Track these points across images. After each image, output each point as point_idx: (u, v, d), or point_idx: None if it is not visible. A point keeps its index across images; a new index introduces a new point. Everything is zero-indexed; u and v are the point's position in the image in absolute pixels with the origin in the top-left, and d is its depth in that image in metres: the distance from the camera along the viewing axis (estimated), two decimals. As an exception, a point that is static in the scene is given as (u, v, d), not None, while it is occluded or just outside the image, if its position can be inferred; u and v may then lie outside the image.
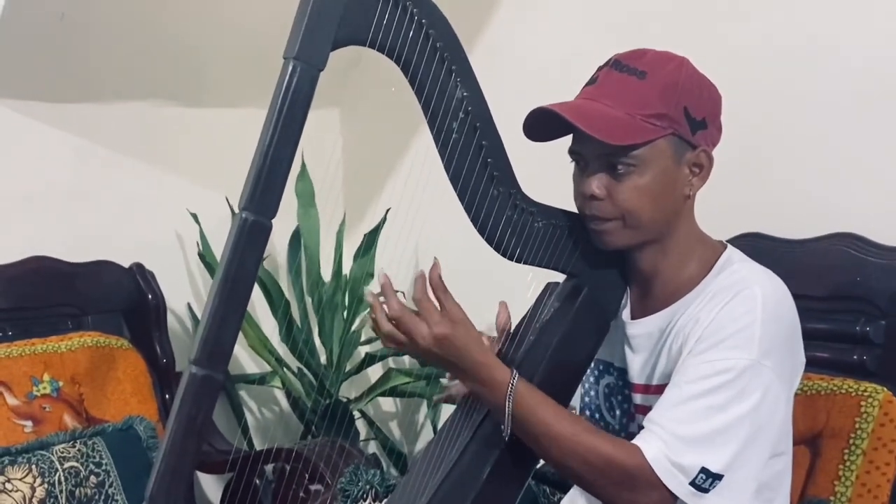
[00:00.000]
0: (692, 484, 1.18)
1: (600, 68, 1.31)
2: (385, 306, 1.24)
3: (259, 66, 2.41)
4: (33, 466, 1.89)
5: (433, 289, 1.24)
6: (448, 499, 1.27)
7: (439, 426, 2.52)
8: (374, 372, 2.59)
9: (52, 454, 1.93)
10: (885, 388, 1.58)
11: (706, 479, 1.18)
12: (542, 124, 1.29)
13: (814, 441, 1.61)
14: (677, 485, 1.18)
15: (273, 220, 1.14)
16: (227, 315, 1.13)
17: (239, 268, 1.13)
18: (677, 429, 1.20)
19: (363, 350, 2.55)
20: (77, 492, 1.93)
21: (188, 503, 2.15)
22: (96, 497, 1.95)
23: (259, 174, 1.13)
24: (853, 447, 1.56)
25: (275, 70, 1.15)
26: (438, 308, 1.24)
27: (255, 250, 1.14)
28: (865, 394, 1.58)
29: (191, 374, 1.12)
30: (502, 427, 1.25)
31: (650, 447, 1.19)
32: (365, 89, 2.62)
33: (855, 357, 1.67)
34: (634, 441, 1.22)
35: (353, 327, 2.49)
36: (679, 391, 1.22)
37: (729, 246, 1.36)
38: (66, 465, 1.93)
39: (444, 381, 2.41)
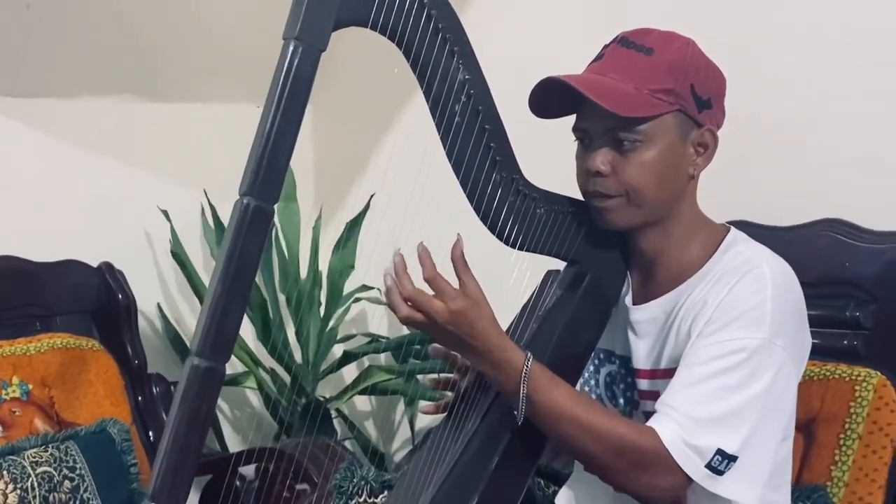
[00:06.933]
0: (708, 466, 1.17)
1: (606, 46, 1.31)
2: (399, 287, 1.20)
3: (230, 62, 2.39)
4: (5, 472, 1.82)
5: (455, 267, 1.21)
6: (455, 492, 1.24)
7: (416, 424, 2.51)
8: (350, 371, 2.54)
9: (24, 459, 1.85)
10: (878, 373, 1.58)
11: (722, 461, 1.17)
12: (547, 100, 1.28)
13: (808, 427, 1.61)
14: (693, 467, 1.17)
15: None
16: (230, 304, 1.09)
17: (241, 255, 1.09)
18: (691, 410, 1.18)
19: (340, 348, 2.50)
20: (51, 497, 1.86)
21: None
22: (71, 502, 1.88)
23: (261, 158, 1.10)
24: (849, 432, 1.56)
25: (246, 67, 1.12)
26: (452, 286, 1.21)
27: (258, 237, 1.10)
28: (859, 378, 1.58)
29: (193, 365, 1.08)
30: (515, 412, 1.23)
31: (665, 429, 1.18)
32: (337, 82, 2.58)
33: (846, 342, 1.67)
34: (649, 423, 1.20)
35: (331, 324, 2.44)
36: (691, 373, 1.21)
37: (732, 228, 1.36)
38: (39, 470, 1.86)
39: (421, 377, 2.39)
